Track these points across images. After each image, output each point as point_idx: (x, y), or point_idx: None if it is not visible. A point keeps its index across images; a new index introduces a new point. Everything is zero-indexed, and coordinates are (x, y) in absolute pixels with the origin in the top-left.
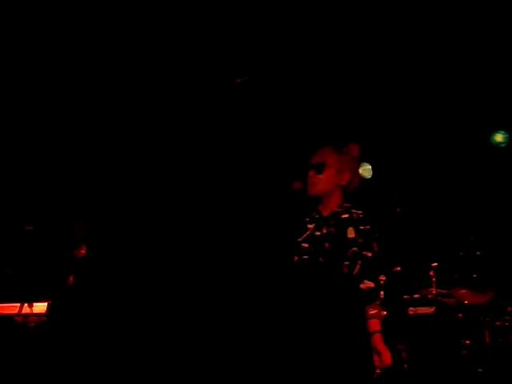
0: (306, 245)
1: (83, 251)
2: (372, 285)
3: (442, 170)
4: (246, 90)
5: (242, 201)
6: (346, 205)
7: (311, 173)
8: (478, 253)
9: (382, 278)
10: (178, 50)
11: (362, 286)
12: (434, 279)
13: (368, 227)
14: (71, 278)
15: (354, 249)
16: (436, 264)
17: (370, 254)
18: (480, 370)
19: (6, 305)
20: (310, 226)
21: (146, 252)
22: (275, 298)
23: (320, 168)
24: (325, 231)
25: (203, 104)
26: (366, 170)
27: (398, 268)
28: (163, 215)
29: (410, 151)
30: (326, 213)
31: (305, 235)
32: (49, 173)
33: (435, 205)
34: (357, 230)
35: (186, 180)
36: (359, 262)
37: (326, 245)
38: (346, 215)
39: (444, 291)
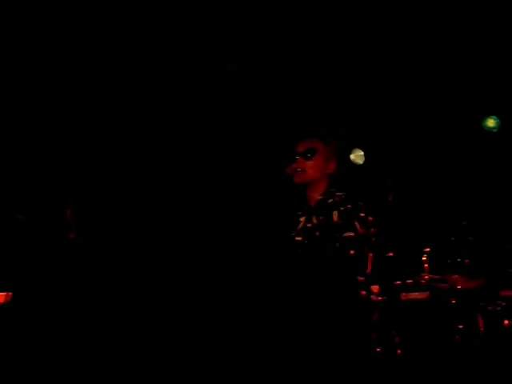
0: (299, 238)
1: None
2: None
3: (434, 155)
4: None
5: (232, 197)
6: (330, 189)
7: (299, 160)
8: (471, 238)
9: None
10: (175, 48)
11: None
12: (426, 264)
13: (349, 207)
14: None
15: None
16: (428, 249)
17: (351, 234)
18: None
19: None
20: (301, 218)
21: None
22: (274, 293)
23: (310, 154)
24: (315, 221)
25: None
26: (358, 157)
27: (391, 253)
28: (153, 208)
29: (402, 137)
30: (313, 201)
31: (298, 228)
32: (39, 164)
33: (427, 190)
34: (339, 212)
35: (176, 173)
36: (338, 244)
37: (317, 234)
38: (331, 200)
39: (437, 276)
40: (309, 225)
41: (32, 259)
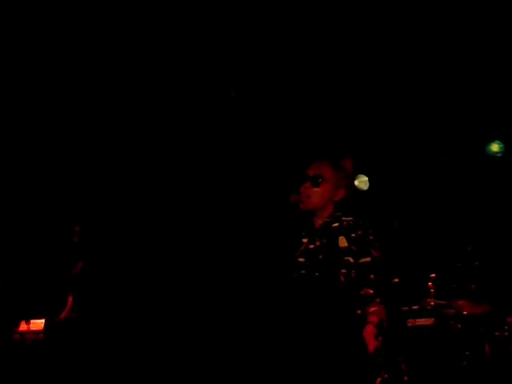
0: (302, 259)
1: (79, 267)
2: (371, 291)
3: (440, 181)
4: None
5: (237, 215)
6: (336, 214)
7: (307, 184)
8: (476, 263)
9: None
10: (178, 53)
11: (361, 292)
12: (432, 290)
13: (360, 233)
14: (69, 295)
15: (348, 258)
16: (434, 275)
17: (368, 260)
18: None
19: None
20: (304, 239)
21: (142, 265)
22: (276, 314)
23: (317, 181)
24: (318, 243)
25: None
26: (362, 182)
27: (396, 279)
28: (157, 228)
29: (407, 162)
30: (318, 225)
31: (300, 249)
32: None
33: (433, 215)
34: (348, 238)
35: (179, 195)
36: (353, 270)
37: (320, 257)
38: (337, 224)
39: (443, 302)
40: (311, 246)
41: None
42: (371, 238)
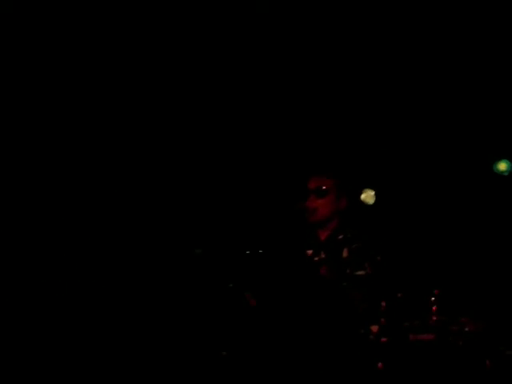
0: (306, 270)
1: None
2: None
3: (445, 195)
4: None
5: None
6: (341, 226)
7: (311, 197)
8: (479, 280)
9: (383, 303)
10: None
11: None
12: (434, 306)
13: (359, 245)
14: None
15: (347, 270)
16: (437, 291)
17: (362, 273)
18: None
19: None
20: (308, 251)
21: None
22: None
23: (322, 192)
24: (323, 255)
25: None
26: (368, 196)
27: (399, 294)
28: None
29: (410, 174)
30: (323, 237)
31: (304, 261)
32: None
33: (438, 231)
34: (350, 250)
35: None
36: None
37: (324, 268)
38: (341, 236)
39: (445, 318)
40: (316, 258)
41: None
42: (372, 252)
